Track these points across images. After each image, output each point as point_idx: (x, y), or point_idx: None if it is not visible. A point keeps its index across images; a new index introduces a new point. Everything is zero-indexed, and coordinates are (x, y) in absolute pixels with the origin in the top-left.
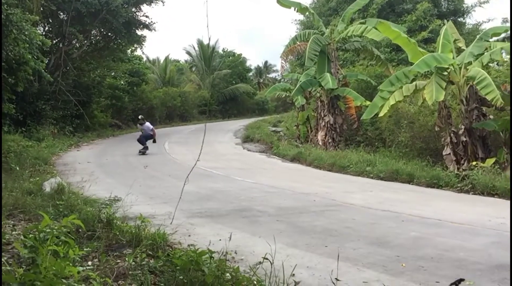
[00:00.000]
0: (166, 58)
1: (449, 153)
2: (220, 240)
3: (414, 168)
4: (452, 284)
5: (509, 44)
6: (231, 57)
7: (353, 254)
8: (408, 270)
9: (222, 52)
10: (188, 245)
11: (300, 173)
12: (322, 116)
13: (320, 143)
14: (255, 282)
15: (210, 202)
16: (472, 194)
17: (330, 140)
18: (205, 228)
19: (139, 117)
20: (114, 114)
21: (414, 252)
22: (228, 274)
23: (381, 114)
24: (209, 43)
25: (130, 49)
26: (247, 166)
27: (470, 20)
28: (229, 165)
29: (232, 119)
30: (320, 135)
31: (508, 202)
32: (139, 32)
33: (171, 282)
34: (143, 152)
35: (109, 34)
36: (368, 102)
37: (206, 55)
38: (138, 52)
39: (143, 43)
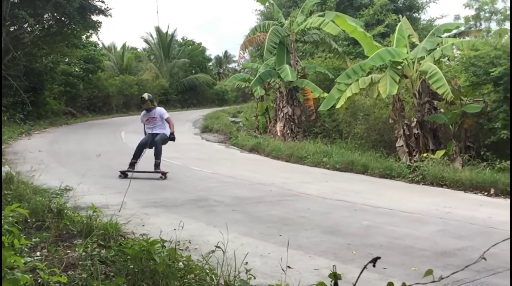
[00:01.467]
0: (123, 46)
1: (402, 145)
2: (174, 229)
3: (369, 159)
4: (369, 262)
5: (459, 40)
6: (190, 46)
7: (306, 243)
8: (358, 257)
9: (181, 41)
10: (140, 235)
11: (258, 164)
12: (281, 107)
13: (279, 134)
14: (207, 271)
15: (166, 192)
16: (423, 184)
17: (288, 131)
18: (160, 218)
19: (144, 96)
20: (68, 101)
21: (365, 240)
22: (180, 263)
23: (338, 106)
24: (167, 31)
25: (85, 35)
26: (205, 156)
27: (424, 16)
28: (187, 155)
29: (191, 109)
30: (279, 126)
31: (455, 191)
32: (94, 18)
33: (122, 272)
34: (126, 173)
35: (63, 19)
36: (326, 94)
37: (165, 43)
38: (94, 38)
39: (98, 29)
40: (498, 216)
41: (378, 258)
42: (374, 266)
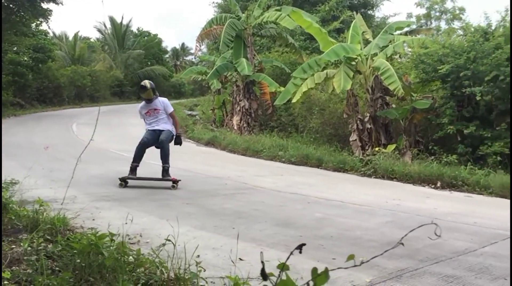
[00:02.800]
0: (76, 35)
1: (355, 139)
2: (126, 223)
3: (323, 153)
4: (295, 248)
5: (410, 38)
6: (146, 37)
7: (259, 235)
8: (309, 248)
9: (136, 32)
10: (89, 228)
11: (214, 157)
12: (238, 101)
13: (235, 128)
14: (157, 264)
15: (119, 186)
16: (374, 177)
17: (245, 125)
18: (112, 211)
19: (145, 83)
20: (17, 92)
21: (316, 232)
22: (130, 257)
23: (294, 101)
24: (121, 21)
25: (34, 23)
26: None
27: (378, 14)
28: None
29: None
30: (236, 119)
31: (404, 184)
32: (44, 5)
33: (69, 266)
34: (127, 180)
35: (11, 5)
36: (282, 88)
37: (119, 33)
38: (44, 27)
39: (49, 17)
40: (443, 207)
41: (304, 244)
42: (300, 252)
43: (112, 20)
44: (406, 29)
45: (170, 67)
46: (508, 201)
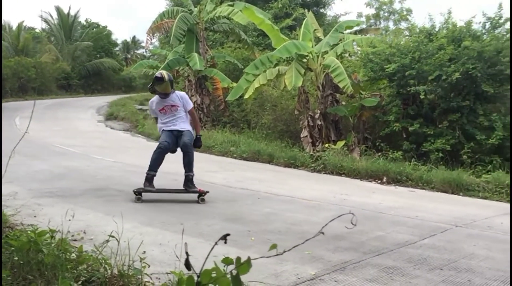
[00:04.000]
0: (20, 25)
1: (306, 136)
2: (69, 220)
3: (275, 149)
4: (219, 239)
5: (359, 37)
6: (95, 29)
7: (208, 230)
8: (257, 243)
9: (85, 23)
10: (28, 225)
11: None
12: (190, 96)
13: None
14: (101, 261)
15: (63, 181)
16: (324, 173)
17: None
18: (55, 208)
19: (162, 74)
20: None
21: (264, 227)
22: (73, 254)
23: (246, 96)
24: (69, 12)
25: None
26: (109, 145)
27: (330, 12)
28: (89, 143)
29: (96, 95)
30: None
31: (352, 179)
32: None
33: (6, 265)
34: (141, 193)
35: None
36: (234, 84)
37: (66, 24)
38: None
39: None
40: (388, 202)
41: (228, 234)
42: (225, 242)
43: (58, 10)
44: (355, 28)
45: (120, 60)
46: (448, 195)
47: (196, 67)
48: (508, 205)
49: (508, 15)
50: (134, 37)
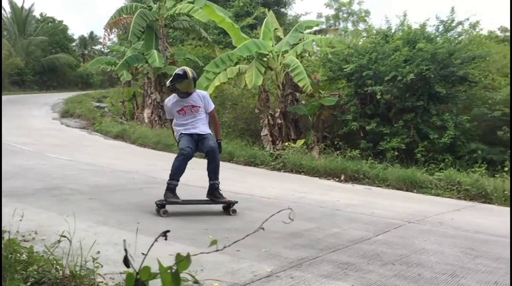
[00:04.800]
0: None
1: (266, 134)
2: (20, 220)
3: (235, 148)
4: (159, 235)
5: (318, 37)
6: (50, 24)
7: (165, 229)
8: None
9: (39, 17)
10: None
11: (123, 151)
12: (149, 93)
13: (146, 121)
14: (53, 262)
15: (16, 181)
16: (283, 171)
17: (156, 118)
18: (5, 208)
19: (185, 71)
20: None
21: (223, 225)
22: (23, 255)
23: None
24: (23, 5)
25: None
26: (64, 143)
27: (291, 12)
28: (43, 141)
29: (51, 92)
30: (147, 112)
31: (311, 177)
32: None
33: None
34: (167, 203)
35: None
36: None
37: (20, 18)
38: None
39: None
40: (345, 199)
41: (168, 231)
42: (165, 239)
43: (11, 3)
44: (315, 28)
45: (77, 56)
46: (403, 192)
47: (155, 64)
48: (458, 201)
49: (460, 19)
50: (91, 33)
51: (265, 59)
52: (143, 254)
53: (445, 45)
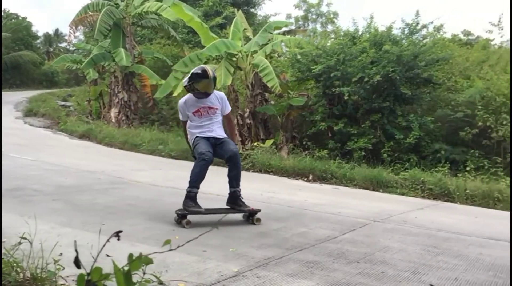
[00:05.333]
0: None
1: (237, 134)
2: None
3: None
4: (112, 236)
5: (287, 37)
6: (13, 20)
7: (130, 230)
8: (181, 241)
9: (2, 14)
10: None
11: (89, 151)
12: (116, 92)
13: (113, 120)
14: (14, 264)
15: None
16: (252, 171)
17: (123, 118)
18: None
19: (204, 69)
20: None
21: (190, 225)
22: None
23: (175, 94)
24: None
25: None
26: (27, 142)
27: (260, 12)
28: (5, 141)
29: (14, 90)
30: (114, 112)
31: (280, 177)
32: None
33: None
34: (186, 215)
35: None
36: (163, 81)
37: None
38: None
39: None
40: (312, 199)
41: (120, 231)
42: (118, 239)
43: None
44: (284, 29)
45: (41, 53)
46: (369, 192)
47: (122, 63)
48: (422, 200)
49: (425, 22)
50: (57, 30)
51: (234, 59)
52: (107, 255)
53: (410, 47)
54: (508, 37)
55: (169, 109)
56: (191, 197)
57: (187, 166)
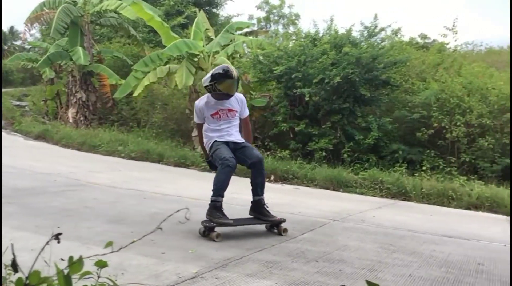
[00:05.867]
0: None
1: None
2: None
3: (165, 148)
4: (52, 238)
5: (249, 38)
6: None
7: (87, 233)
8: (138, 244)
9: None
10: None
11: (45, 152)
12: (74, 92)
13: (71, 121)
14: None
15: None
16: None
17: (82, 118)
18: None
19: (229, 69)
20: None
21: (148, 228)
22: None
23: (135, 94)
24: None
25: None
26: None
27: (223, 13)
28: None
29: None
30: (71, 112)
31: (241, 178)
32: None
33: None
34: (213, 228)
35: None
36: (123, 81)
37: None
38: None
39: None
40: (274, 199)
41: (60, 234)
42: (58, 242)
43: None
44: (246, 29)
45: None
46: (330, 192)
47: (80, 61)
48: (381, 199)
49: (383, 25)
50: (12, 27)
51: (195, 59)
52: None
53: (369, 50)
54: (462, 42)
55: (129, 109)
56: (217, 207)
57: (147, 167)
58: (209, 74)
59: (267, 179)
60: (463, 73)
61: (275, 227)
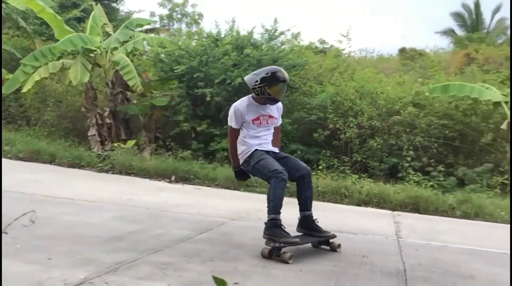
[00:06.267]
0: None
1: (94, 134)
2: None
3: (58, 148)
4: None
5: (149, 36)
6: None
7: None
8: (23, 251)
9: None
10: None
11: None
12: None
13: None
14: None
15: None
16: (112, 173)
17: None
18: None
19: (282, 72)
20: None
21: (35, 232)
22: None
23: (24, 90)
24: None
25: None
26: None
27: (123, 8)
28: None
29: None
30: None
31: (141, 179)
32: None
33: None
34: (281, 248)
35: None
36: (10, 76)
37: None
38: None
39: None
40: (173, 199)
41: None
42: None
43: None
44: (147, 26)
45: None
46: (231, 191)
47: None
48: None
49: (283, 29)
50: None
51: (92, 55)
52: None
53: (269, 52)
54: (354, 49)
55: (17, 106)
56: (278, 225)
57: (38, 169)
58: (257, 75)
59: (167, 180)
60: (356, 78)
61: (324, 243)
